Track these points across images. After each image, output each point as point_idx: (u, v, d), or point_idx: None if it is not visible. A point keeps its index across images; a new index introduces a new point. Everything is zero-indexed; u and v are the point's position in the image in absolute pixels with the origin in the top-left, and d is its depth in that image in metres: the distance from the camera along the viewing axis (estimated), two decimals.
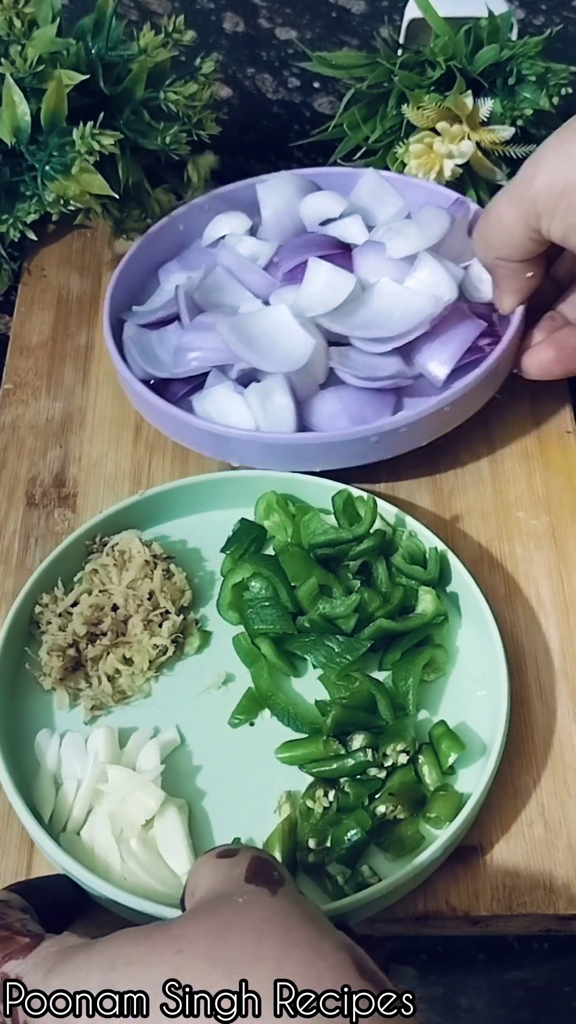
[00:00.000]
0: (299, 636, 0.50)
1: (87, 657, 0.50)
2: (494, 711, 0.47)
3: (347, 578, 0.52)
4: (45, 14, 0.63)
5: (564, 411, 0.61)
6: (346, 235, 0.62)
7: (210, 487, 0.56)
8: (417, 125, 0.64)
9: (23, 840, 0.47)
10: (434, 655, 0.50)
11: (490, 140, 0.64)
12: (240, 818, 0.47)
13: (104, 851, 0.45)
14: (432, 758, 0.47)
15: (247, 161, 0.76)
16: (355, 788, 0.46)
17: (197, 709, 0.50)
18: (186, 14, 0.66)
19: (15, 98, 0.60)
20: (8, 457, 0.60)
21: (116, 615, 0.51)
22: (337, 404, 0.56)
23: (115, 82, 0.63)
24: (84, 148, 0.59)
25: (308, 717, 0.49)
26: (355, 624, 0.50)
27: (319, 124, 0.72)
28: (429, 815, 0.46)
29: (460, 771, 0.48)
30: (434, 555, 0.52)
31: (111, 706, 0.50)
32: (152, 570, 0.52)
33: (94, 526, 0.53)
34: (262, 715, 0.50)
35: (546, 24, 0.78)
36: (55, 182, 0.60)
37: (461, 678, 0.51)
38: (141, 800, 0.45)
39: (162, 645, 0.51)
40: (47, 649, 0.50)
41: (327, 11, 0.83)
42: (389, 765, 0.47)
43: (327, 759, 0.47)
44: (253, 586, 0.52)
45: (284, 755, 0.48)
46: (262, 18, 0.82)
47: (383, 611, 0.50)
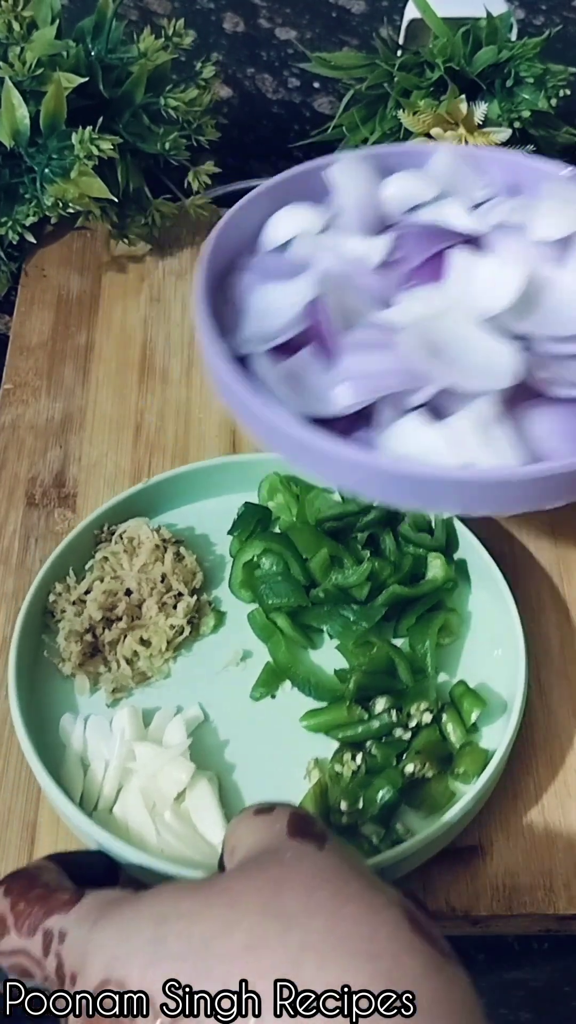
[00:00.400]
0: (313, 608, 0.51)
1: (104, 642, 0.51)
2: (512, 668, 0.48)
3: (356, 549, 0.53)
4: (44, 15, 0.63)
5: None
6: (450, 220, 0.53)
7: (213, 472, 0.56)
8: (412, 130, 0.65)
9: (23, 840, 0.47)
10: (448, 619, 0.51)
11: (487, 143, 0.64)
12: (270, 787, 0.47)
13: (138, 825, 0.45)
14: (455, 716, 0.48)
15: (247, 161, 0.76)
16: (382, 750, 0.47)
17: (218, 686, 0.51)
18: (186, 14, 0.66)
19: (14, 101, 0.60)
20: (8, 457, 0.60)
21: (130, 600, 0.51)
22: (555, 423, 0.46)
23: (115, 84, 0.63)
24: (83, 152, 0.59)
25: (329, 686, 0.50)
26: (368, 592, 0.51)
27: (319, 124, 0.72)
28: (457, 771, 0.47)
29: (483, 728, 0.49)
30: (440, 522, 0.53)
31: (132, 688, 0.51)
32: (163, 554, 0.53)
33: (101, 515, 0.54)
34: (283, 687, 0.51)
35: (546, 24, 0.78)
36: (54, 185, 0.60)
37: (476, 641, 0.52)
38: (171, 774, 0.46)
39: (178, 625, 0.51)
40: (64, 635, 0.50)
41: (327, 11, 0.83)
42: (413, 726, 0.48)
43: (352, 723, 0.48)
44: (264, 563, 0.53)
45: (309, 722, 0.49)
46: (262, 18, 0.82)
47: (395, 578, 0.51)
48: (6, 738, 0.50)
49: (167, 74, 0.65)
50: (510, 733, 0.46)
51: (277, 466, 0.55)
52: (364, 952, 0.28)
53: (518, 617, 0.49)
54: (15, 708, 0.47)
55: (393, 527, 0.53)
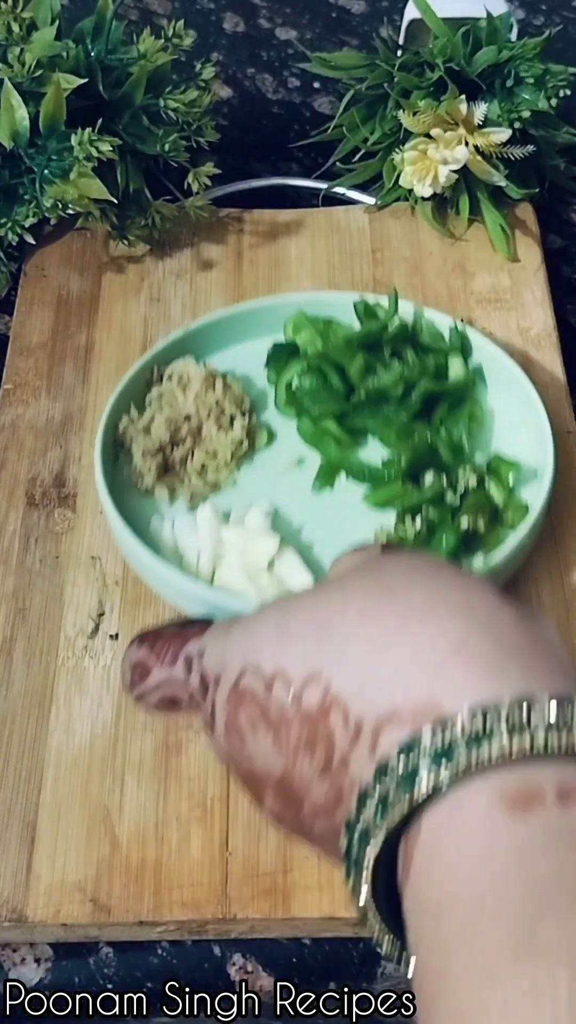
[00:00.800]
0: (355, 411, 0.59)
1: (175, 460, 0.57)
2: (539, 439, 0.56)
3: (384, 360, 0.60)
4: (44, 16, 0.62)
5: (564, 411, 0.61)
6: None
7: (247, 316, 0.62)
8: (412, 131, 0.65)
9: (23, 840, 0.47)
10: (473, 409, 0.58)
11: (486, 143, 0.64)
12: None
13: (241, 590, 0.52)
14: (495, 480, 0.55)
15: (247, 161, 0.76)
16: (438, 511, 0.54)
17: (281, 487, 0.58)
18: (186, 14, 0.66)
19: (13, 102, 0.60)
20: (8, 457, 0.60)
21: (190, 424, 0.58)
22: None
23: (114, 86, 0.63)
24: (83, 154, 0.59)
25: (382, 472, 0.57)
26: (402, 392, 0.58)
27: (319, 124, 0.72)
28: (505, 522, 0.54)
29: (520, 492, 0.56)
30: (454, 330, 0.60)
31: (207, 495, 0.57)
32: (212, 384, 0.59)
33: (152, 357, 0.60)
34: (339, 481, 0.58)
35: (546, 24, 0.78)
36: (53, 186, 0.60)
37: (502, 429, 0.59)
38: (260, 546, 0.53)
39: (238, 439, 0.58)
40: (141, 453, 0.56)
41: (327, 11, 0.83)
42: (462, 490, 0.54)
43: (408, 494, 0.55)
44: (304, 380, 0.59)
45: (372, 498, 0.56)
46: (262, 18, 0.82)
47: (424, 377, 0.58)
48: (6, 738, 0.50)
49: (167, 75, 0.65)
50: (545, 490, 0.53)
51: (299, 305, 0.62)
52: (462, 609, 0.31)
53: (538, 395, 0.56)
54: (113, 513, 0.53)
55: (413, 340, 0.60)
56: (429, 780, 0.28)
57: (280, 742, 0.33)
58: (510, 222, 0.68)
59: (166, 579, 0.51)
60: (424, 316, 0.61)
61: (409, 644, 0.31)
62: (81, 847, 0.47)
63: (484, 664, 0.29)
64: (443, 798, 0.28)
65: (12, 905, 0.45)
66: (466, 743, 0.28)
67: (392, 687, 0.30)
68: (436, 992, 0.26)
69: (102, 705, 0.51)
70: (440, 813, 0.28)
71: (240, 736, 0.34)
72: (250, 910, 0.45)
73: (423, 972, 0.27)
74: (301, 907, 0.45)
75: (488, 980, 0.25)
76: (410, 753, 0.28)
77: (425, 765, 0.28)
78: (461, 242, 0.68)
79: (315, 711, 0.31)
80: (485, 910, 0.26)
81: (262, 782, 0.34)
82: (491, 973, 0.25)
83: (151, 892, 0.46)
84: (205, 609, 0.49)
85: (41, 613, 0.54)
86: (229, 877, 0.46)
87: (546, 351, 0.63)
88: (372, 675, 0.31)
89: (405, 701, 0.30)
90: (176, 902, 0.45)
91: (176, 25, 0.64)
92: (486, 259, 0.68)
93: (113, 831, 0.47)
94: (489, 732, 0.28)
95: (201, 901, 0.45)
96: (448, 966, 0.26)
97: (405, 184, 0.67)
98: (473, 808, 0.27)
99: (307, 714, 0.32)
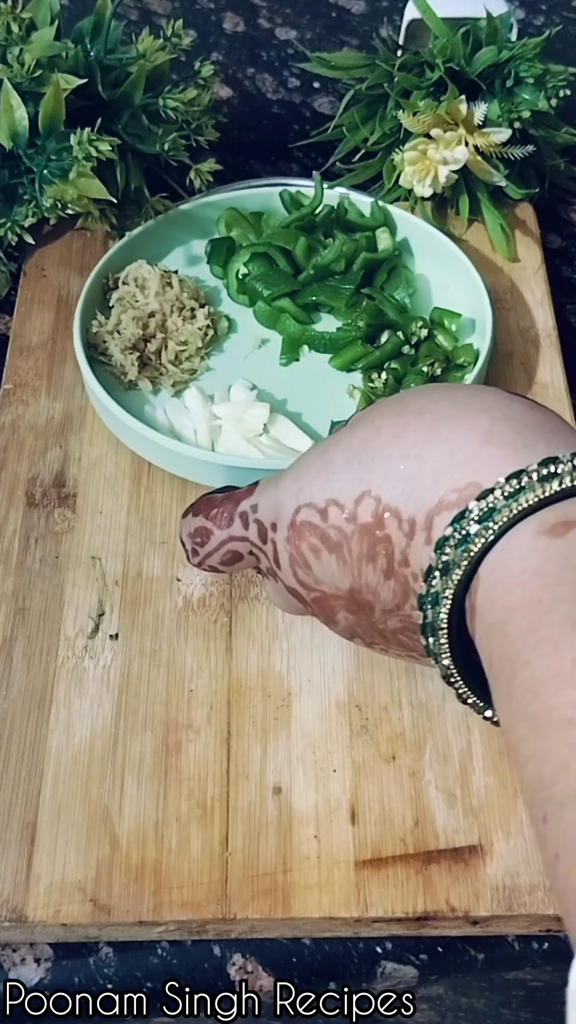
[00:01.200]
0: (304, 288, 0.64)
1: (150, 354, 0.61)
2: (471, 289, 0.62)
3: (321, 240, 0.65)
4: (44, 15, 0.62)
5: (564, 411, 0.61)
6: None
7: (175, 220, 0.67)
8: (412, 131, 0.65)
9: (23, 840, 0.47)
10: (407, 274, 0.65)
11: (486, 143, 0.64)
12: (327, 414, 0.60)
13: (245, 454, 0.56)
14: (441, 330, 0.62)
15: (247, 161, 0.76)
16: (399, 363, 0.60)
17: (251, 365, 0.63)
18: (186, 14, 0.66)
19: (12, 103, 0.60)
20: (8, 457, 0.60)
21: (156, 319, 0.62)
22: None
23: (113, 85, 0.63)
24: (82, 154, 0.59)
25: (341, 337, 0.62)
26: (344, 265, 0.64)
27: (319, 124, 0.72)
28: (457, 363, 0.60)
29: (464, 339, 0.62)
30: (375, 207, 0.66)
31: (187, 380, 0.62)
32: (168, 281, 0.63)
33: (104, 264, 0.64)
34: (303, 353, 0.63)
35: (546, 24, 0.78)
36: (53, 186, 0.60)
37: (437, 291, 0.65)
38: (253, 413, 0.58)
39: (203, 327, 0.62)
40: (119, 350, 0.60)
41: (327, 11, 0.83)
42: (415, 342, 0.61)
43: (369, 353, 0.61)
44: (252, 267, 0.64)
45: (337, 362, 0.62)
46: (262, 18, 0.82)
47: (362, 250, 0.64)
48: (6, 738, 0.50)
49: (166, 74, 0.65)
50: (488, 332, 0.59)
51: (231, 202, 0.67)
52: (481, 407, 0.35)
53: (463, 255, 0.63)
54: (112, 406, 0.57)
55: (341, 221, 0.66)
56: (480, 535, 0.32)
57: (344, 559, 0.37)
58: (510, 222, 0.68)
59: (180, 450, 0.56)
60: (348, 198, 0.67)
61: (443, 445, 0.34)
62: (81, 847, 0.47)
63: (511, 445, 0.33)
64: (494, 549, 0.32)
65: (12, 905, 0.45)
66: (506, 499, 0.32)
67: (436, 484, 0.34)
68: (510, 674, 0.30)
69: (102, 705, 0.51)
70: (493, 559, 0.32)
71: (306, 565, 0.38)
72: (250, 910, 0.45)
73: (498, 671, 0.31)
74: (301, 907, 0.45)
75: (555, 649, 0.29)
76: (461, 521, 0.32)
77: (475, 526, 0.32)
78: (461, 242, 0.68)
79: (371, 522, 0.35)
80: (543, 604, 0.30)
81: (333, 601, 0.38)
82: (556, 644, 0.29)
83: (151, 892, 0.46)
84: (221, 476, 0.54)
85: (41, 613, 0.54)
86: (229, 877, 0.46)
87: (546, 351, 0.63)
88: (416, 479, 0.34)
89: (450, 491, 0.34)
90: (176, 902, 0.45)
91: (175, 25, 0.64)
92: (486, 259, 0.68)
93: (113, 831, 0.47)
94: (524, 487, 0.32)
95: (201, 901, 0.45)
96: (518, 655, 0.30)
97: (405, 184, 0.67)
98: (519, 542, 0.32)
99: (364, 527, 0.36)
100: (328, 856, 0.46)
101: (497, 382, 0.62)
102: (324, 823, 0.47)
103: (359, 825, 0.47)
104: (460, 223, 0.68)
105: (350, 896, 0.45)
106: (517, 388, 0.61)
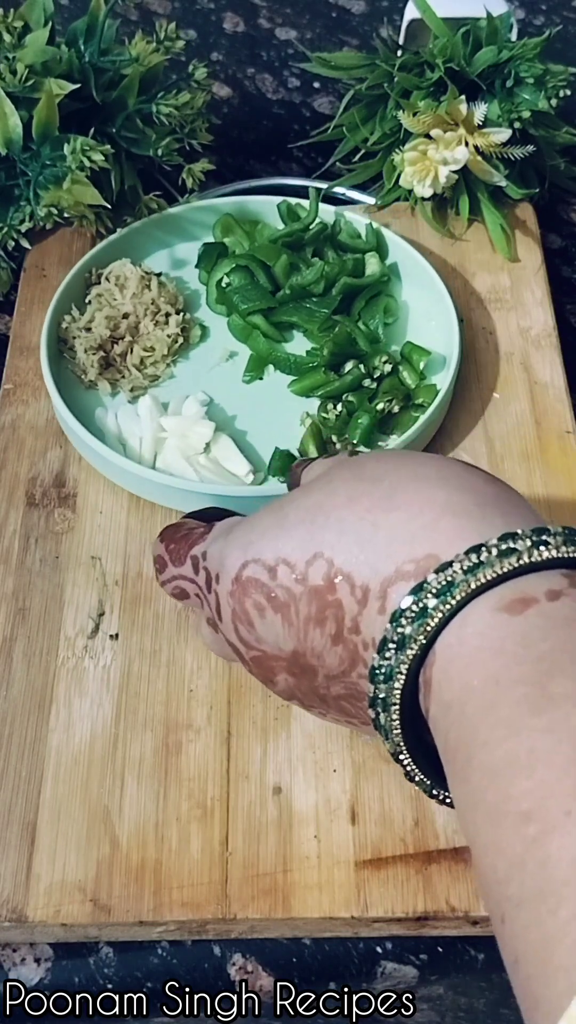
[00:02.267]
0: (281, 307, 0.63)
1: (115, 355, 0.62)
2: (447, 329, 0.61)
3: (307, 259, 0.65)
4: (38, 17, 0.62)
5: (564, 411, 0.61)
6: None
7: (171, 221, 0.67)
8: (412, 131, 0.65)
9: (23, 840, 0.47)
10: (388, 303, 0.63)
11: (486, 143, 0.64)
12: (275, 438, 0.59)
13: (180, 471, 0.56)
14: (408, 366, 0.60)
15: (247, 161, 0.76)
16: (357, 396, 0.59)
17: (214, 379, 0.62)
18: (186, 14, 0.66)
19: (6, 110, 0.60)
20: (8, 457, 0.60)
21: (128, 321, 0.62)
22: None
23: (107, 88, 0.63)
24: (75, 163, 0.59)
25: (305, 362, 0.62)
26: (324, 288, 0.63)
27: (319, 124, 0.72)
28: (416, 403, 0.59)
29: (431, 377, 0.61)
30: (369, 230, 0.65)
31: (146, 387, 0.62)
32: (148, 283, 0.63)
33: (89, 260, 0.64)
34: (268, 372, 0.62)
35: (546, 24, 0.78)
36: (48, 192, 0.61)
37: (415, 321, 0.64)
38: (197, 431, 0.57)
39: (173, 334, 0.62)
40: (83, 349, 0.61)
41: (327, 11, 0.83)
42: (377, 376, 0.60)
43: (329, 382, 0.60)
44: (233, 278, 0.64)
45: (295, 387, 0.61)
46: (262, 18, 0.82)
47: (343, 274, 0.63)
48: (6, 738, 0.50)
49: (159, 76, 0.65)
50: (452, 370, 0.58)
51: (230, 208, 0.67)
52: (439, 478, 0.35)
53: (446, 290, 0.61)
54: (62, 408, 0.57)
55: (332, 240, 0.65)
56: (438, 610, 0.31)
57: (290, 620, 0.36)
58: (510, 222, 0.68)
59: (117, 461, 0.55)
60: (344, 217, 0.66)
61: (399, 512, 0.34)
62: (81, 847, 0.47)
63: (470, 518, 0.33)
64: (451, 624, 0.32)
65: (12, 905, 0.45)
66: (464, 574, 0.31)
67: (391, 551, 0.33)
68: (467, 756, 0.29)
69: (102, 705, 0.51)
70: (450, 634, 0.32)
71: (248, 622, 0.37)
72: (250, 910, 0.45)
73: (453, 752, 0.30)
74: (301, 907, 0.45)
75: (512, 734, 0.28)
76: (419, 594, 0.32)
77: (432, 600, 0.32)
78: (461, 242, 0.68)
79: (322, 585, 0.35)
80: (500, 683, 0.29)
81: (274, 662, 0.37)
82: (514, 728, 0.28)
83: (151, 892, 0.46)
84: (149, 489, 0.56)
85: (41, 613, 0.54)
86: (229, 877, 0.46)
87: (546, 351, 0.63)
88: (371, 545, 0.34)
89: (407, 560, 0.33)
90: (176, 902, 0.45)
91: (168, 27, 0.64)
92: (486, 259, 0.68)
93: (113, 831, 0.47)
94: (484, 562, 0.31)
95: (201, 901, 0.45)
96: (475, 735, 0.29)
97: (405, 184, 0.67)
98: (478, 617, 0.31)
99: (314, 589, 0.35)
100: (328, 856, 0.46)
101: (498, 382, 0.62)
102: (324, 823, 0.47)
103: (359, 825, 0.47)
104: (460, 223, 0.68)
105: (350, 896, 0.45)
106: (517, 388, 0.61)
